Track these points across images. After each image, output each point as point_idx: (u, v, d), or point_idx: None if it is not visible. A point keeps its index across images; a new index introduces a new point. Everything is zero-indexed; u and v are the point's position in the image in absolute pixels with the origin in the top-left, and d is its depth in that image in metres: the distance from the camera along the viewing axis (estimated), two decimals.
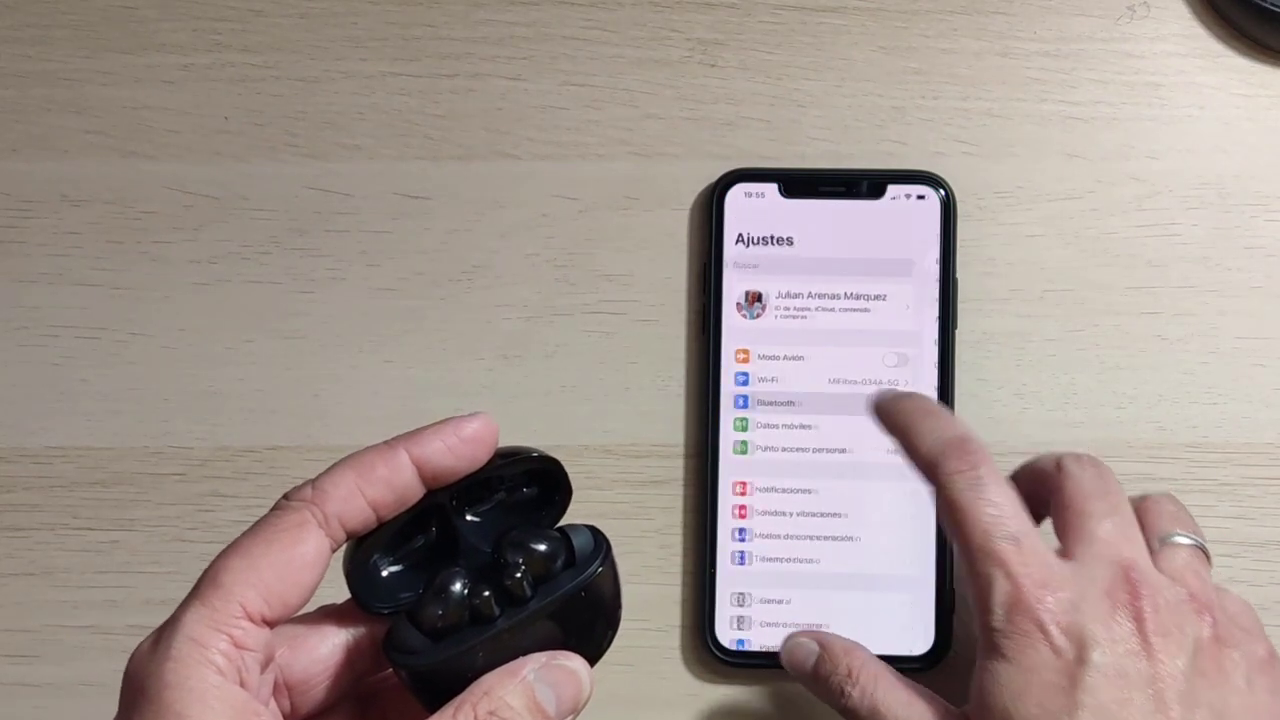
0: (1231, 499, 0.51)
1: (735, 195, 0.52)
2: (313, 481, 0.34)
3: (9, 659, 0.52)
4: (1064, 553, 0.41)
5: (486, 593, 0.34)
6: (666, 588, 0.51)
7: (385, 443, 0.35)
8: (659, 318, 0.52)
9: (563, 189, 0.53)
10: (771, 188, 0.52)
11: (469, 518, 0.36)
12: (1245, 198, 0.52)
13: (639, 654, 0.51)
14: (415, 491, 0.35)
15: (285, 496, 0.34)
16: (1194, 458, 0.51)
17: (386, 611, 0.35)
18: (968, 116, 0.53)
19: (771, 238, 0.52)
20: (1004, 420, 0.52)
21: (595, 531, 0.36)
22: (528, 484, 0.37)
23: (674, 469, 0.52)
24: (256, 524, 0.34)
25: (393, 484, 0.34)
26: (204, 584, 0.33)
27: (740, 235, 0.52)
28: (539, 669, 0.33)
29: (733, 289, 0.52)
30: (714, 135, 0.53)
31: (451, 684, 0.33)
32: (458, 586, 0.34)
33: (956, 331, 0.51)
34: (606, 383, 0.52)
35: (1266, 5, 0.51)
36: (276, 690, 0.35)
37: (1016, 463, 0.51)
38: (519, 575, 0.34)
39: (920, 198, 0.52)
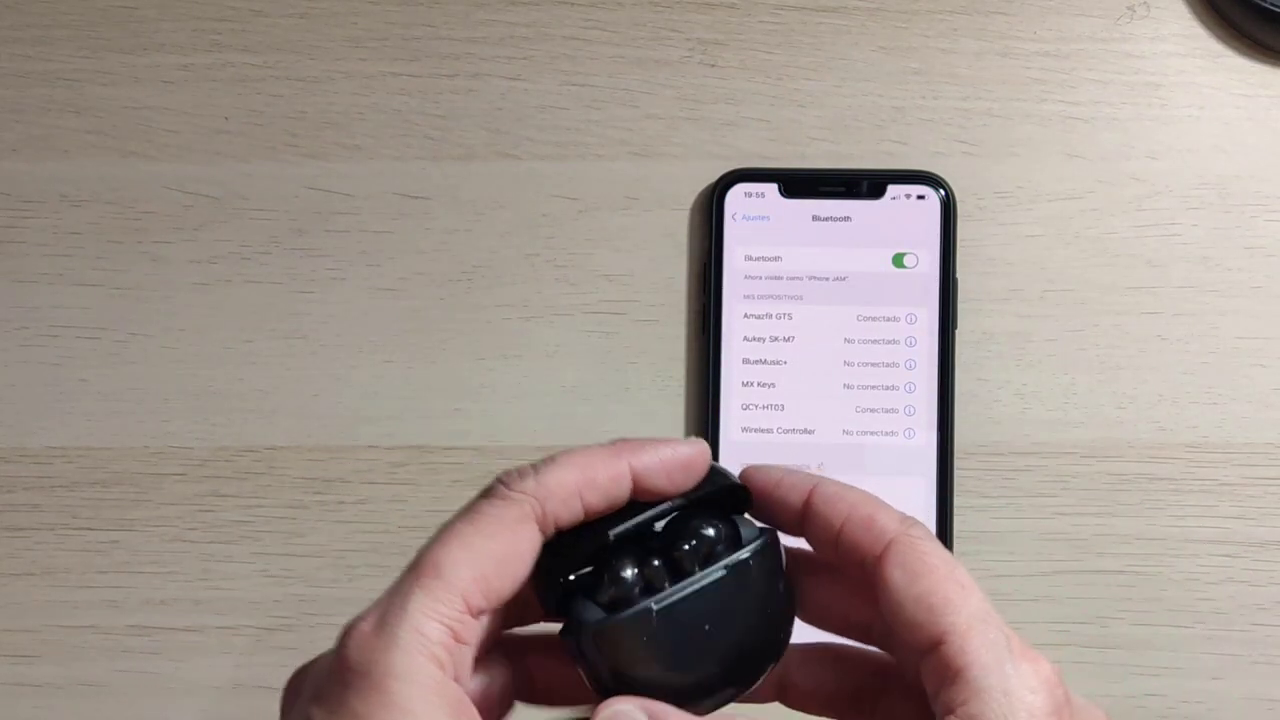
0: (1231, 499, 0.51)
1: (735, 195, 0.52)
2: (535, 471, 0.33)
3: (9, 659, 0.52)
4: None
5: (656, 562, 0.33)
6: None
7: (608, 447, 0.33)
8: (659, 318, 0.52)
9: (563, 189, 0.53)
10: (771, 188, 0.52)
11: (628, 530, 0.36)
12: (1245, 198, 0.52)
13: None
14: (622, 502, 0.34)
15: (503, 483, 0.32)
16: (1194, 458, 0.51)
17: (563, 595, 0.34)
18: (968, 116, 0.53)
19: (771, 238, 0.52)
20: (1004, 420, 0.52)
21: (764, 528, 0.35)
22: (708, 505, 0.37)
23: None
24: (475, 510, 0.32)
25: (609, 493, 0.33)
26: (424, 569, 0.31)
27: (741, 236, 0.52)
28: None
29: (733, 289, 0.52)
30: (714, 135, 0.53)
31: (626, 648, 0.33)
32: (629, 562, 0.34)
33: (956, 331, 0.51)
34: (606, 383, 0.52)
35: (1266, 5, 0.51)
36: None
37: (1017, 463, 0.51)
38: (687, 548, 0.33)
39: (920, 198, 0.52)
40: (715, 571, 0.33)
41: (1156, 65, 0.53)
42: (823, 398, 0.51)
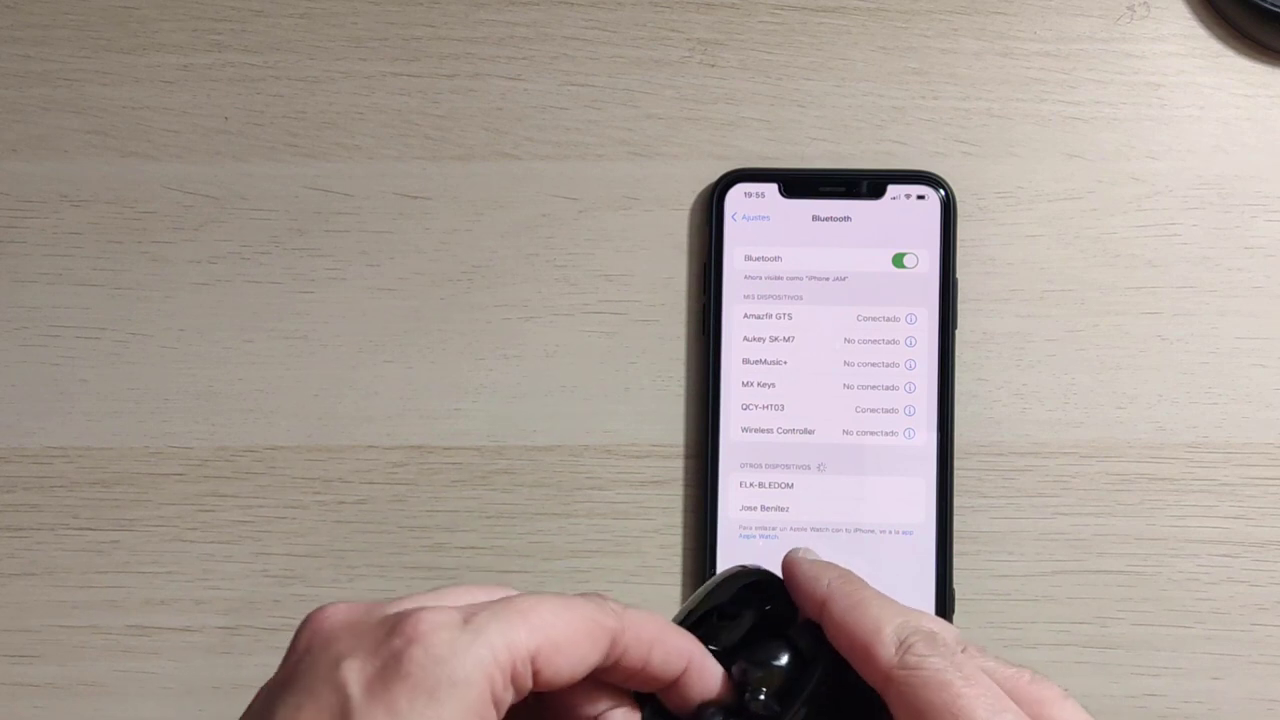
0: (1231, 499, 0.51)
1: (735, 195, 0.52)
2: (626, 606, 0.33)
3: (9, 659, 0.52)
4: None
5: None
6: (667, 588, 0.51)
7: (682, 630, 0.34)
8: (659, 318, 0.52)
9: (563, 189, 0.53)
10: (771, 188, 0.52)
11: (711, 648, 0.35)
12: (1245, 198, 0.52)
13: None
14: (674, 676, 0.34)
15: (601, 596, 0.33)
16: (1194, 458, 0.51)
17: None
18: (968, 116, 0.53)
19: (771, 238, 0.52)
20: (1004, 420, 0.52)
21: (810, 625, 0.35)
22: (745, 603, 0.36)
23: (674, 469, 0.52)
24: (572, 597, 0.32)
25: (670, 663, 0.33)
26: (517, 605, 0.31)
27: (741, 236, 0.52)
28: None
29: (733, 289, 0.52)
30: (714, 135, 0.53)
31: None
32: None
33: (956, 331, 0.51)
34: (606, 383, 0.52)
35: (1266, 5, 0.51)
36: None
37: (1017, 463, 0.51)
38: (762, 698, 0.34)
39: (920, 198, 0.52)
40: (799, 712, 0.33)
41: (1156, 65, 0.53)
42: (823, 398, 0.51)
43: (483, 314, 0.53)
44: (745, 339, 0.52)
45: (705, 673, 0.34)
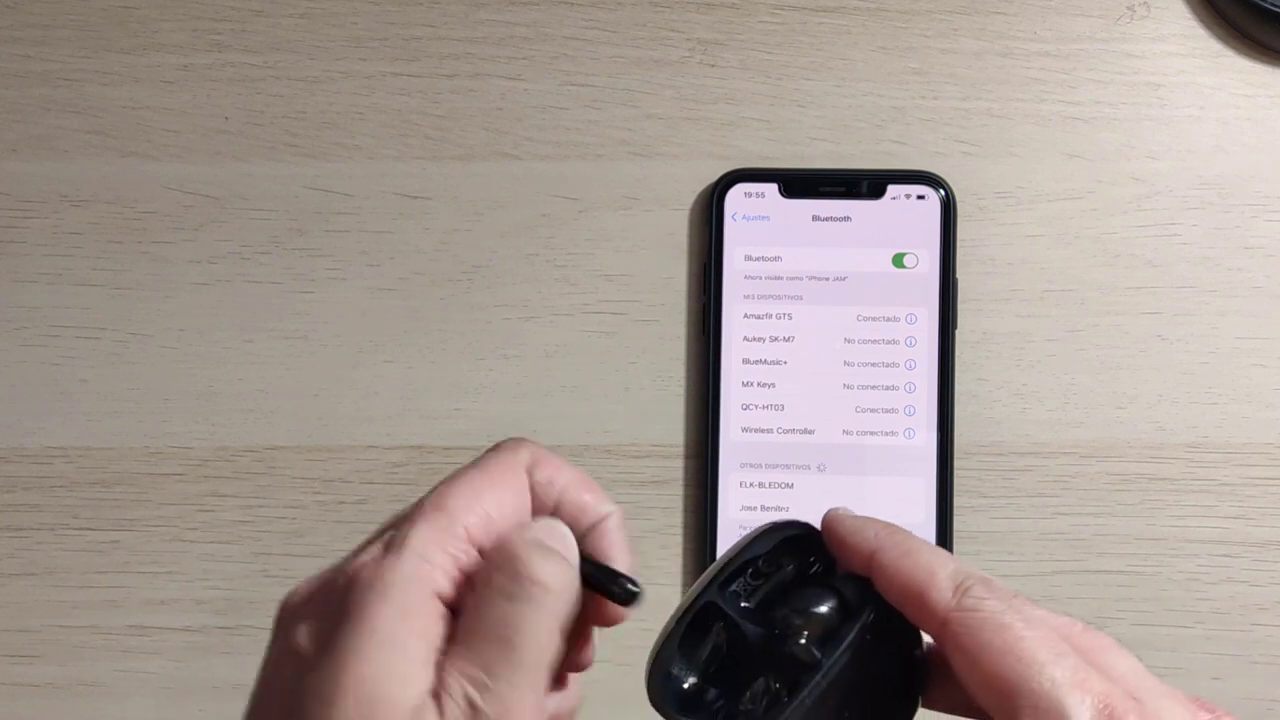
0: (1231, 499, 0.51)
1: (735, 195, 0.52)
2: (541, 447, 0.35)
3: (9, 659, 0.52)
4: None
5: (777, 685, 0.33)
6: (666, 588, 0.51)
7: (605, 495, 0.35)
8: (659, 318, 0.52)
9: (563, 189, 0.53)
10: (771, 188, 0.52)
11: (743, 605, 0.35)
12: (1245, 198, 0.52)
13: (639, 654, 0.51)
14: (586, 515, 0.35)
15: (502, 443, 0.34)
16: (1194, 458, 0.51)
17: None
18: (968, 116, 0.53)
19: (771, 238, 0.52)
20: (1004, 420, 0.52)
21: (861, 581, 0.34)
22: (784, 557, 0.36)
23: (674, 469, 0.52)
24: (478, 460, 0.34)
25: (580, 514, 0.34)
26: (427, 508, 0.32)
27: (741, 236, 0.52)
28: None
29: (733, 289, 0.52)
30: (714, 135, 0.53)
31: None
32: (758, 690, 0.33)
33: (956, 331, 0.51)
34: (606, 383, 0.52)
35: (1266, 5, 0.51)
36: None
37: (1017, 463, 0.51)
38: (803, 642, 0.33)
39: (920, 198, 0.52)
40: (841, 659, 0.33)
41: (1156, 65, 0.53)
42: (823, 398, 0.51)
43: (483, 314, 0.53)
44: (745, 339, 0.52)
45: (608, 546, 0.35)
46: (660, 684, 0.34)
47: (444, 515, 0.32)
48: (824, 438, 0.51)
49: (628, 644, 0.39)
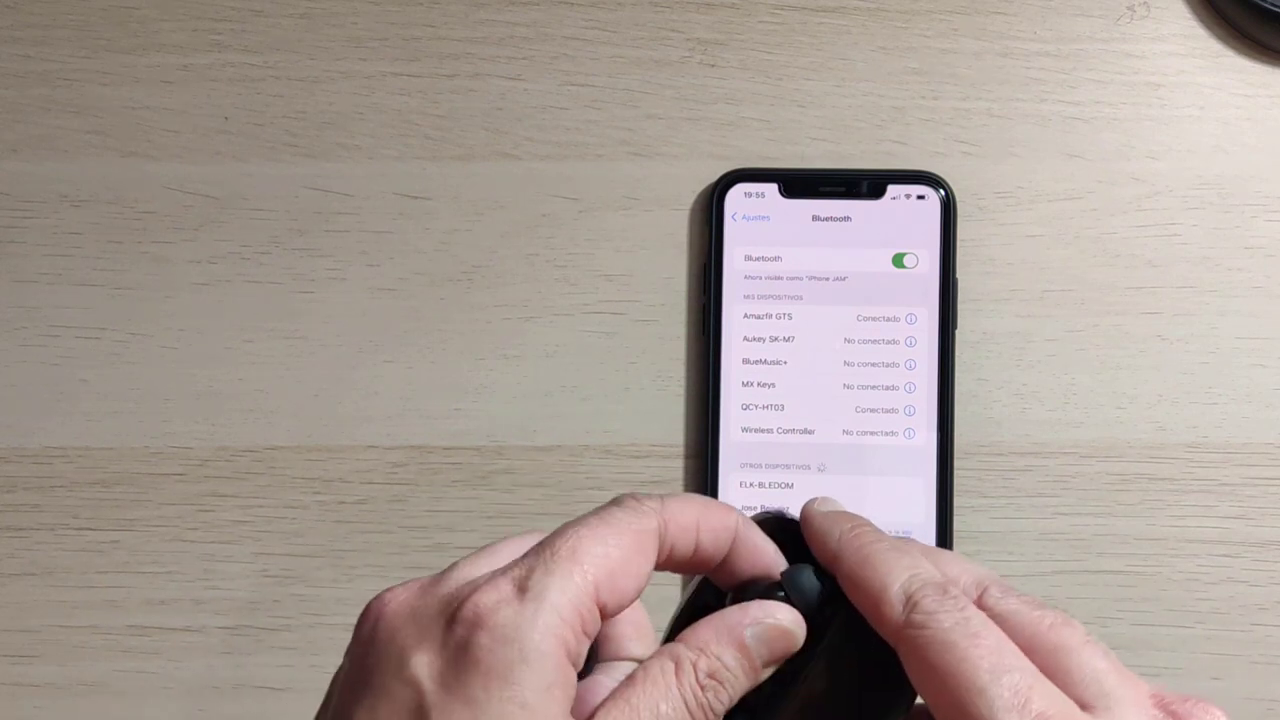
0: (1231, 499, 0.51)
1: (735, 195, 0.52)
2: (661, 497, 0.32)
3: (9, 659, 0.52)
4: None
5: (767, 683, 0.32)
6: (666, 588, 0.51)
7: (720, 502, 0.34)
8: (659, 318, 0.52)
9: (563, 189, 0.53)
10: (771, 188, 0.52)
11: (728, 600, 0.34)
12: (1245, 198, 0.52)
13: None
14: (723, 554, 0.33)
15: (633, 497, 0.32)
16: (1194, 458, 0.51)
17: None
18: (968, 116, 0.53)
19: (771, 238, 0.52)
20: (1004, 420, 0.52)
21: (819, 573, 0.33)
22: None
23: (674, 469, 0.52)
24: (608, 512, 0.31)
25: (718, 540, 0.33)
26: (562, 556, 0.30)
27: (741, 236, 0.52)
28: (755, 627, 0.31)
29: (733, 289, 0.52)
30: (714, 135, 0.53)
31: None
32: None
33: (956, 331, 0.51)
34: (606, 383, 0.52)
35: (1266, 5, 0.51)
36: None
37: (1016, 463, 0.51)
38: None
39: (920, 198, 0.52)
40: (815, 667, 0.32)
41: (1156, 65, 0.53)
42: (823, 398, 0.51)
43: (483, 314, 0.53)
44: (745, 339, 0.52)
45: (751, 545, 0.33)
46: None
47: (579, 569, 0.30)
48: (824, 438, 0.51)
49: None
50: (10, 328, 0.53)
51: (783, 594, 0.32)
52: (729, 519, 0.33)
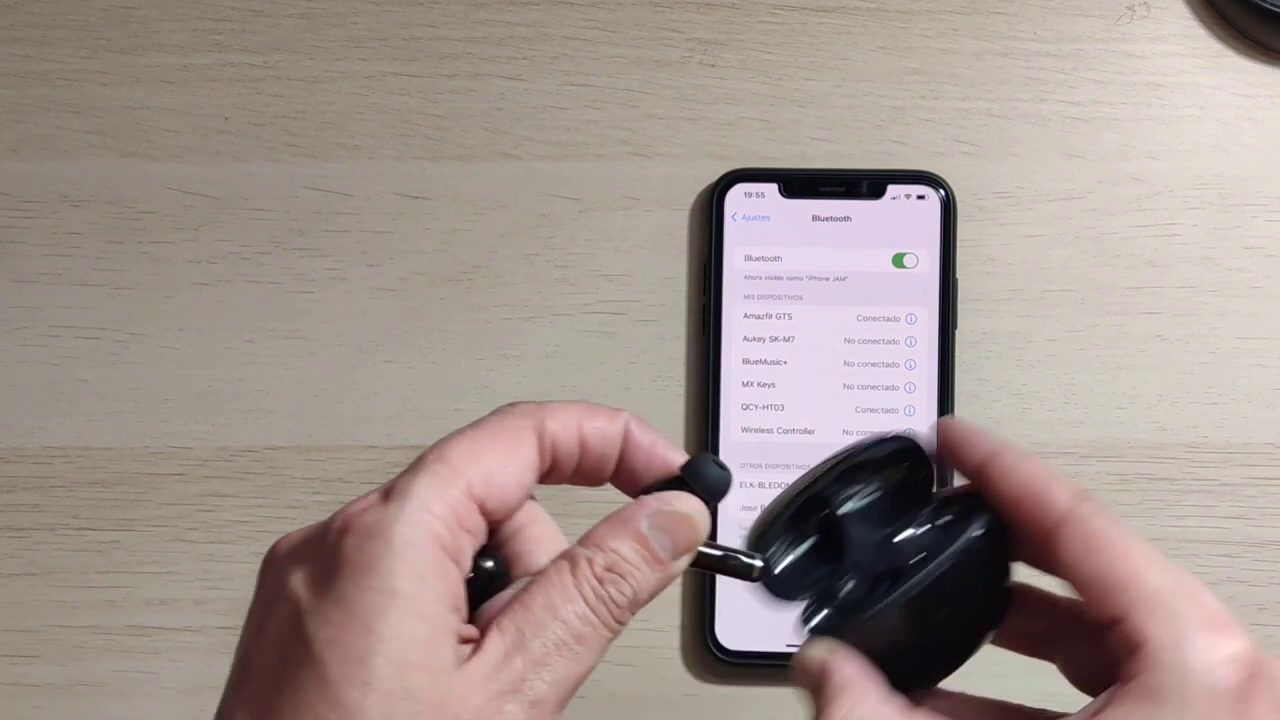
0: (1231, 499, 0.51)
1: (735, 195, 0.52)
2: (542, 402, 0.33)
3: (9, 659, 0.52)
4: None
5: (874, 579, 0.33)
6: (666, 587, 0.51)
7: (613, 408, 0.34)
8: (659, 318, 0.52)
9: (563, 189, 0.53)
10: (771, 188, 0.52)
11: (849, 507, 0.36)
12: (1245, 198, 0.52)
13: (639, 654, 0.51)
14: (613, 457, 0.33)
15: (510, 404, 0.33)
16: (1194, 458, 0.51)
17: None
18: (968, 116, 0.53)
19: (771, 238, 0.52)
20: (1004, 420, 0.51)
21: (968, 499, 0.34)
22: (890, 468, 0.36)
23: None
24: (480, 419, 0.32)
25: (605, 436, 0.33)
26: (429, 460, 0.31)
27: (741, 236, 0.52)
28: (651, 516, 0.32)
29: (733, 289, 0.52)
30: (714, 135, 0.53)
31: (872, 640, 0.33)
32: (854, 581, 0.34)
33: (956, 331, 0.51)
34: (606, 383, 0.52)
35: (1266, 5, 0.51)
36: None
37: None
38: (908, 545, 0.34)
39: (920, 198, 0.52)
40: (954, 555, 0.33)
41: (1156, 65, 0.53)
42: (823, 398, 0.51)
43: (483, 314, 0.53)
44: (745, 339, 0.52)
45: (648, 446, 0.34)
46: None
47: (446, 466, 0.31)
48: (824, 438, 0.51)
49: (627, 643, 0.39)
50: (10, 328, 0.53)
51: (685, 486, 0.33)
52: (616, 418, 0.33)
